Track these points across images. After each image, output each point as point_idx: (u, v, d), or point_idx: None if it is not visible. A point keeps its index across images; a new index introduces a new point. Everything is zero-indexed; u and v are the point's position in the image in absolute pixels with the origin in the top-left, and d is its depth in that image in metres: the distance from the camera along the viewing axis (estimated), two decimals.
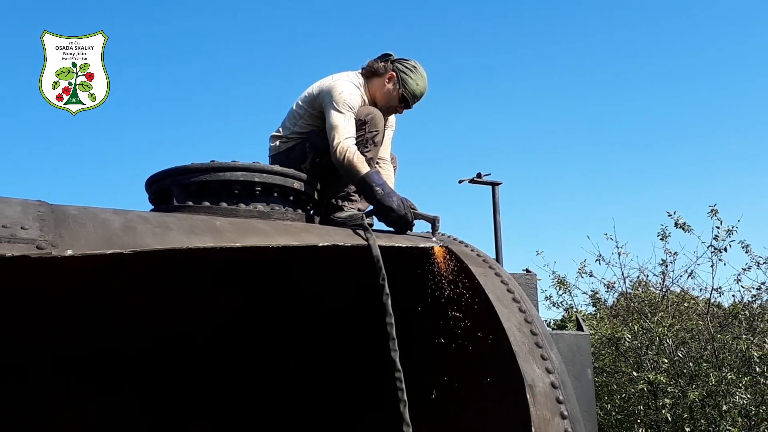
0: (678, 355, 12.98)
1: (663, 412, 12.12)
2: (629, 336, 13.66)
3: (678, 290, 15.18)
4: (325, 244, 3.14)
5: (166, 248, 2.76)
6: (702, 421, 12.23)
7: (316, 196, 3.81)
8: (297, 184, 3.61)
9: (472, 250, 3.47)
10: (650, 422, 12.83)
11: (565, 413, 2.91)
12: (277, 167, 3.68)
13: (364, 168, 3.73)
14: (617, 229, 33.78)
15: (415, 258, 3.36)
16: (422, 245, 3.38)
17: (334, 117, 3.83)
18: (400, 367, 2.97)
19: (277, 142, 4.17)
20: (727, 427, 11.84)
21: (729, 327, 13.63)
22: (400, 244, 3.34)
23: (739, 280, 15.75)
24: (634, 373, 12.85)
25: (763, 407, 12.69)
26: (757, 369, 12.63)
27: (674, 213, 15.18)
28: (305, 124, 4.08)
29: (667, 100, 37.52)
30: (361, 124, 3.91)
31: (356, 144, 3.81)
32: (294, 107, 4.16)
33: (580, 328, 3.52)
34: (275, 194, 3.53)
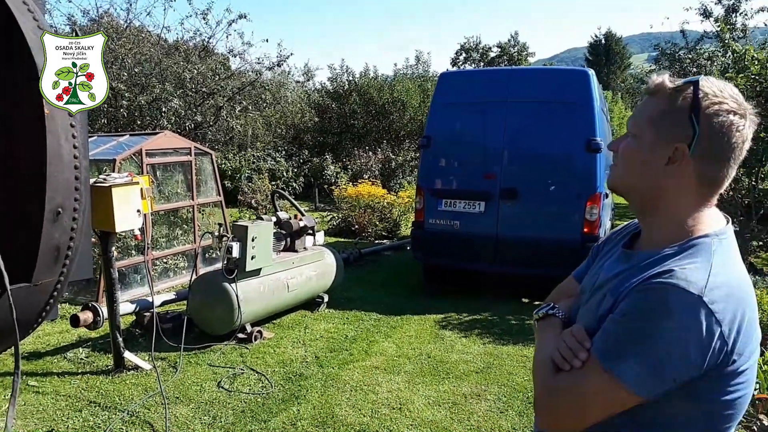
0: (135, 71, 12.79)
1: (121, 110, 12.09)
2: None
3: (138, 24, 14.50)
4: None
5: None
6: (148, 117, 12.61)
7: None
8: None
9: None
10: (111, 118, 12.63)
11: None
12: None
13: None
14: None
15: None
16: None
17: None
18: None
19: None
20: (168, 122, 12.49)
21: (172, 56, 13.84)
22: None
23: (182, 23, 15.85)
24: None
25: (193, 113, 13.63)
26: (187, 85, 13.34)
27: None
28: None
29: None
30: None
31: None
32: None
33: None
34: None
